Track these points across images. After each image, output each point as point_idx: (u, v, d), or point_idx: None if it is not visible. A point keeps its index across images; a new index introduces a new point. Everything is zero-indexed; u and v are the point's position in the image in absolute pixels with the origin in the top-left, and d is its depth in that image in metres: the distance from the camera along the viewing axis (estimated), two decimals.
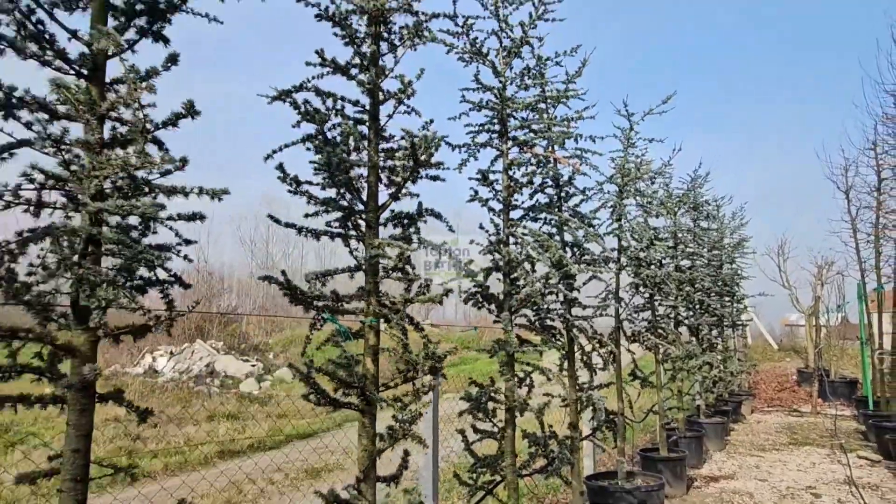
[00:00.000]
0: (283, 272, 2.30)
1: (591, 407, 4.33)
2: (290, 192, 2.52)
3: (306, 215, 2.54)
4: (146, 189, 1.44)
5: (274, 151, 2.36)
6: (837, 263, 13.38)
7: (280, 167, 2.49)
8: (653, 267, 6.10)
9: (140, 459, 7.33)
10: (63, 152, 1.40)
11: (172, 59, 1.56)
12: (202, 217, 1.57)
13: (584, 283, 4.39)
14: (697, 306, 8.51)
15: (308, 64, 2.58)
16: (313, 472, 7.09)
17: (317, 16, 2.58)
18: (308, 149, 2.45)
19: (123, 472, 1.60)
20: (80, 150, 1.49)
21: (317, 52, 2.54)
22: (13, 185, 1.47)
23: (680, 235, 8.00)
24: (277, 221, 2.44)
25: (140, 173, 1.49)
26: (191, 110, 1.53)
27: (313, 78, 2.57)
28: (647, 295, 6.52)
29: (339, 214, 2.57)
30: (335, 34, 2.68)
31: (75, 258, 1.41)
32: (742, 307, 12.34)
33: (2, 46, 1.37)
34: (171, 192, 1.46)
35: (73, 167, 1.38)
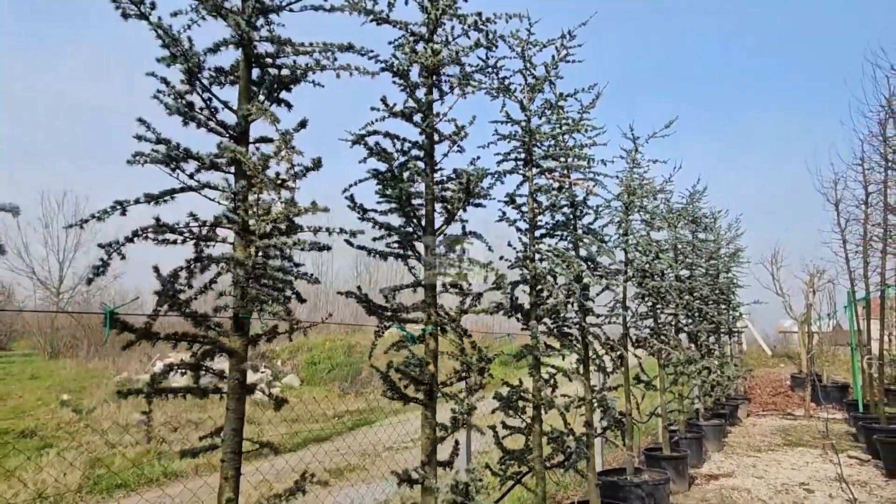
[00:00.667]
0: (359, 287, 2.73)
1: (604, 407, 4.77)
2: (358, 218, 2.96)
3: (374, 239, 2.97)
4: (298, 228, 1.87)
5: (351, 185, 2.80)
6: (828, 272, 13.88)
7: (350, 198, 2.93)
8: (656, 277, 6.56)
9: (170, 461, 7.70)
10: (237, 201, 1.83)
11: (303, 125, 1.99)
12: (328, 248, 2.00)
13: (598, 294, 4.84)
14: (696, 314, 8.97)
15: (373, 109, 3.03)
16: (336, 472, 7.48)
17: (382, 69, 3.03)
18: (378, 182, 2.89)
19: (268, 447, 2.02)
20: (227, 195, 1.93)
21: (382, 100, 2.99)
22: (184, 223, 1.90)
23: (679, 247, 8.48)
24: (351, 244, 2.86)
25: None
26: (318, 165, 1.96)
27: (376, 121, 3.02)
28: (649, 303, 6.98)
29: (397, 237, 3.01)
30: (394, 83, 3.14)
31: (232, 281, 1.84)
32: (738, 314, 12.82)
33: (187, 120, 1.80)
34: (318, 230, 1.90)
35: (241, 212, 1.80)
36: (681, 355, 7.23)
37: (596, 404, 4.77)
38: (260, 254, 1.80)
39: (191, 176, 1.94)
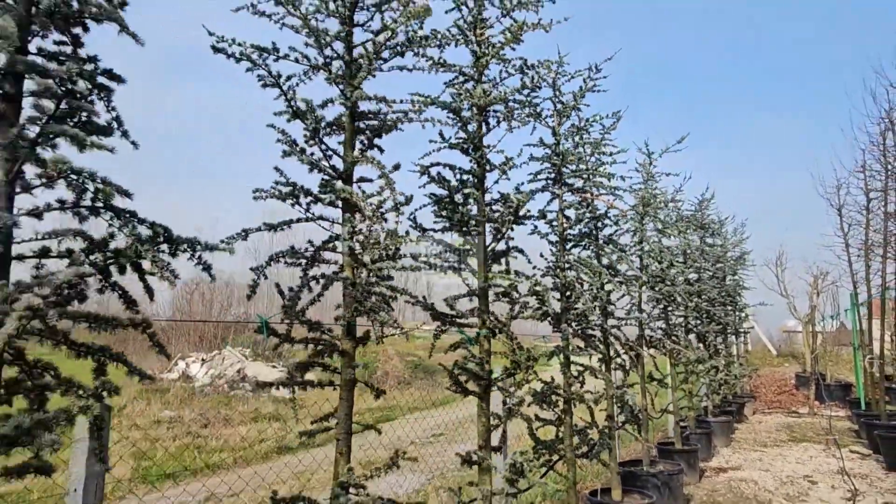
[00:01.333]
0: (424, 297, 3.19)
1: (623, 403, 5.22)
2: (419, 237, 3.42)
3: (429, 254, 3.43)
4: (400, 255, 2.33)
5: (415, 210, 3.27)
6: (831, 274, 14.29)
7: (413, 219, 3.40)
8: (667, 282, 7.01)
9: (209, 454, 8.19)
10: (352, 233, 2.28)
11: (396, 167, 2.45)
12: (420, 268, 2.45)
13: (618, 299, 5.29)
14: (705, 315, 9.41)
15: (431, 141, 3.49)
16: (367, 465, 7.94)
17: (437, 106, 3.48)
18: (435, 205, 3.35)
19: (373, 429, 2.48)
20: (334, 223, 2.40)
21: (440, 133, 3.45)
22: (301, 248, 2.37)
23: (689, 252, 8.93)
24: (415, 259, 3.32)
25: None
26: (409, 200, 2.42)
27: (433, 151, 3.48)
28: (662, 306, 7.43)
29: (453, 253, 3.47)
30: (449, 118, 3.60)
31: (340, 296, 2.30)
32: (744, 316, 13.25)
33: (313, 168, 2.27)
34: (416, 258, 2.35)
35: (356, 240, 2.27)
36: (692, 355, 7.68)
37: (615, 400, 5.22)
38: (371, 275, 2.26)
39: (306, 209, 2.41)
